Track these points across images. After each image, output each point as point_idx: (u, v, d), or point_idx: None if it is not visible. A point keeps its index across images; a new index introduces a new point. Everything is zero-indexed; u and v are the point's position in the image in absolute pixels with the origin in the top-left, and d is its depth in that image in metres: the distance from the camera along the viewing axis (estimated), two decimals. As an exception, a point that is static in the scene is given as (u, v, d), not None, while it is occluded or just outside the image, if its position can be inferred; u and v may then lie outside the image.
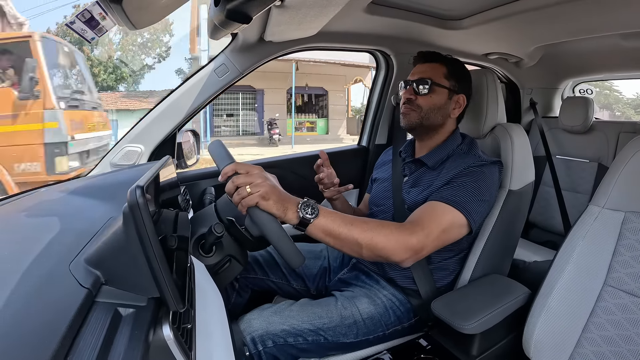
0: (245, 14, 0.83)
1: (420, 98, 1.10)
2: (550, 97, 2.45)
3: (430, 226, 0.90)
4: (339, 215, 0.84)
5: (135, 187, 0.46)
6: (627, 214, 0.84)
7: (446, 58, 1.14)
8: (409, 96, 1.11)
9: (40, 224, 0.72)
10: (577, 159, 2.11)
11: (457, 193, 0.95)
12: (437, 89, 1.09)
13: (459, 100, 1.11)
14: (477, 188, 0.96)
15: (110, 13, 0.80)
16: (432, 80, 1.09)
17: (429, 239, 0.89)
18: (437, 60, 1.13)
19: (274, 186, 0.79)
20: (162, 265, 0.47)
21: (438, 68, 1.11)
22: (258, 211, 0.77)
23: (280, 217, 0.78)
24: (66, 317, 0.39)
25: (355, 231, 0.82)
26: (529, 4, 1.21)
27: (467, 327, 0.87)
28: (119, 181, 0.98)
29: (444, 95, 1.10)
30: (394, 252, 0.84)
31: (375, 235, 0.83)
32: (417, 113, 1.10)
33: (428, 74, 1.10)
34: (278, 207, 0.77)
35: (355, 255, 0.87)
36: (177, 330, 0.50)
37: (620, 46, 1.73)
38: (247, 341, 0.91)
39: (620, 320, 0.79)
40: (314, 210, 0.80)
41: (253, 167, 0.79)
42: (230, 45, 1.32)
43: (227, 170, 0.78)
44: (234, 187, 0.76)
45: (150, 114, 1.30)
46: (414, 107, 1.10)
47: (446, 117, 1.11)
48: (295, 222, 0.79)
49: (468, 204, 0.94)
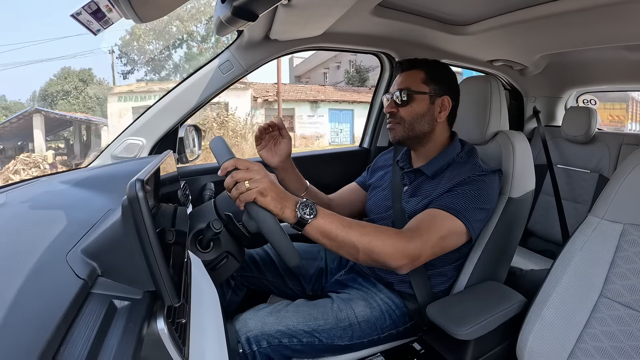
0: (252, 12, 0.84)
1: (402, 109, 1.08)
2: (554, 106, 2.45)
3: (429, 233, 0.89)
4: (337, 217, 0.84)
5: (135, 180, 0.46)
6: (626, 226, 0.84)
7: (424, 63, 1.11)
8: (391, 109, 1.10)
9: (39, 214, 0.72)
10: (578, 169, 2.11)
11: (457, 201, 0.95)
12: (416, 96, 1.07)
13: (443, 103, 1.09)
14: (478, 196, 0.96)
15: (117, 5, 0.80)
16: (410, 89, 1.07)
17: (427, 246, 0.89)
18: (414, 67, 1.10)
19: (273, 183, 0.79)
20: (159, 259, 0.47)
21: (415, 75, 1.09)
22: (256, 207, 0.77)
23: (277, 214, 0.78)
24: (61, 308, 0.39)
25: (353, 234, 0.82)
26: (536, 12, 1.21)
27: (461, 333, 0.87)
28: (119, 173, 0.98)
29: (424, 102, 1.08)
30: (390, 257, 0.84)
31: (373, 239, 0.83)
32: (401, 126, 1.09)
33: (405, 84, 1.08)
34: (276, 205, 0.77)
35: (351, 258, 0.87)
36: (171, 325, 0.50)
37: (625, 58, 1.73)
38: (242, 341, 0.91)
39: (615, 332, 0.79)
40: (312, 210, 0.80)
41: (253, 163, 0.79)
42: (236, 42, 1.32)
43: (227, 165, 0.78)
44: (233, 182, 0.76)
45: (154, 107, 1.30)
46: (397, 119, 1.09)
47: (433, 123, 1.09)
48: (292, 222, 0.80)
49: (468, 211, 0.94)
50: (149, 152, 1.29)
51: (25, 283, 0.44)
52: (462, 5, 1.31)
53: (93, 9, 0.81)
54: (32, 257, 0.49)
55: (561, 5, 1.12)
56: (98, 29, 0.85)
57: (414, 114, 1.07)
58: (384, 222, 1.14)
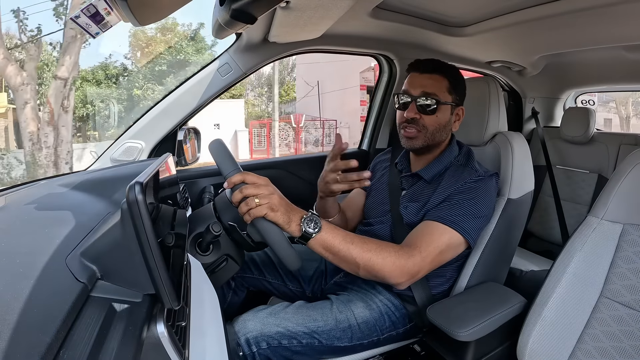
0: (250, 15, 0.84)
1: (426, 117, 1.03)
2: (553, 107, 2.45)
3: (428, 249, 0.91)
4: (340, 232, 0.86)
5: (135, 183, 0.46)
6: (626, 226, 0.84)
7: (446, 68, 1.06)
8: (414, 115, 1.03)
9: (38, 217, 0.72)
10: (577, 170, 2.11)
11: (454, 212, 0.95)
12: (442, 107, 1.03)
13: (459, 113, 1.09)
14: (474, 205, 0.97)
15: (115, 8, 0.80)
16: (437, 97, 1.02)
17: (426, 262, 0.91)
18: (437, 72, 1.05)
19: (281, 197, 0.81)
20: (159, 262, 0.47)
21: (441, 81, 1.04)
22: (265, 222, 0.80)
23: (283, 228, 0.81)
24: (60, 311, 0.39)
25: (355, 250, 0.84)
26: (534, 13, 1.21)
27: (461, 334, 0.87)
28: (119, 177, 0.98)
29: (447, 112, 1.05)
30: (390, 275, 0.87)
31: (373, 256, 0.85)
32: (422, 135, 1.04)
33: (431, 89, 1.03)
34: (284, 219, 0.80)
35: (352, 272, 0.89)
36: (171, 328, 0.50)
37: (623, 58, 1.73)
38: (242, 342, 0.91)
39: (616, 332, 0.79)
40: (316, 225, 0.82)
41: (260, 178, 0.81)
42: (234, 45, 1.32)
43: (234, 180, 0.80)
44: (242, 197, 0.78)
45: (152, 110, 1.30)
46: (418, 127, 1.04)
47: (449, 132, 1.09)
48: (297, 235, 0.82)
49: (465, 222, 0.95)
50: (148, 155, 1.28)
51: (25, 286, 0.43)
52: (461, 7, 1.31)
53: (92, 12, 0.81)
54: (31, 260, 0.49)
55: (559, 6, 1.13)
56: (97, 32, 0.85)
57: (437, 124, 1.04)
58: (383, 226, 1.14)
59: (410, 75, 1.09)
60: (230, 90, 1.94)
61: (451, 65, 1.09)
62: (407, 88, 1.06)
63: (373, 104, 1.88)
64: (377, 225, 1.15)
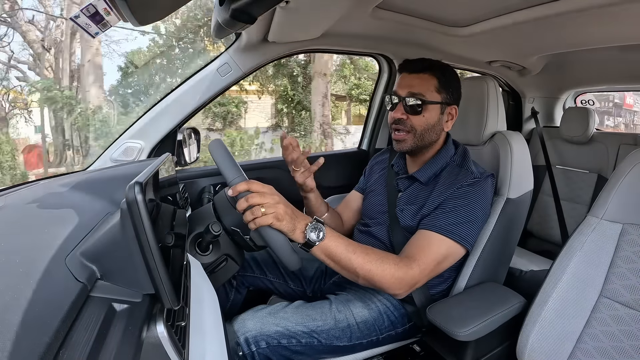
0: (250, 14, 0.84)
1: (413, 118, 1.03)
2: (552, 107, 2.46)
3: (426, 261, 0.92)
4: (343, 241, 0.87)
5: (134, 183, 0.46)
6: (625, 225, 0.84)
7: (436, 67, 1.05)
8: (400, 116, 1.04)
9: (38, 216, 0.72)
10: (576, 170, 2.11)
11: (450, 220, 0.96)
12: (429, 106, 1.03)
13: (451, 112, 1.08)
14: (470, 210, 0.97)
15: (115, 8, 0.80)
16: (423, 97, 1.02)
17: (424, 274, 0.92)
18: (425, 70, 1.04)
19: (287, 207, 0.82)
20: (158, 262, 0.47)
21: (428, 80, 1.03)
22: (269, 230, 0.80)
23: (288, 235, 0.82)
24: (60, 311, 0.39)
25: (356, 260, 0.86)
26: (534, 13, 1.21)
27: (461, 334, 0.87)
28: (118, 176, 0.98)
29: (436, 111, 1.04)
30: (389, 286, 0.88)
31: (373, 268, 0.87)
32: (411, 135, 1.05)
33: (418, 89, 1.02)
34: (289, 227, 0.82)
35: (352, 280, 0.91)
36: (170, 328, 0.50)
37: (623, 58, 1.74)
38: (241, 341, 0.91)
39: (615, 332, 0.79)
40: (320, 232, 0.83)
41: (265, 186, 0.82)
42: (234, 45, 1.32)
43: (240, 188, 0.80)
44: (247, 205, 0.79)
45: (152, 110, 1.30)
46: (406, 128, 1.04)
47: (440, 132, 1.08)
48: (301, 242, 0.84)
49: (462, 230, 0.95)
50: (147, 155, 1.28)
51: (25, 286, 0.43)
52: (461, 7, 1.31)
53: (91, 12, 0.81)
54: (31, 260, 0.49)
55: (559, 6, 1.13)
56: (96, 32, 0.85)
57: (425, 125, 1.04)
58: (380, 228, 1.14)
59: (400, 76, 1.09)
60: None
61: (443, 63, 1.07)
62: (396, 89, 1.07)
63: (372, 104, 1.88)
64: (374, 227, 1.15)
